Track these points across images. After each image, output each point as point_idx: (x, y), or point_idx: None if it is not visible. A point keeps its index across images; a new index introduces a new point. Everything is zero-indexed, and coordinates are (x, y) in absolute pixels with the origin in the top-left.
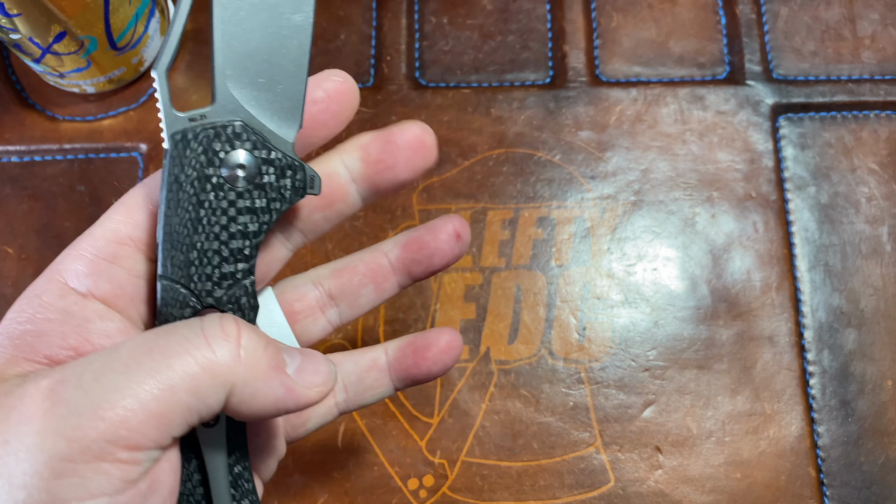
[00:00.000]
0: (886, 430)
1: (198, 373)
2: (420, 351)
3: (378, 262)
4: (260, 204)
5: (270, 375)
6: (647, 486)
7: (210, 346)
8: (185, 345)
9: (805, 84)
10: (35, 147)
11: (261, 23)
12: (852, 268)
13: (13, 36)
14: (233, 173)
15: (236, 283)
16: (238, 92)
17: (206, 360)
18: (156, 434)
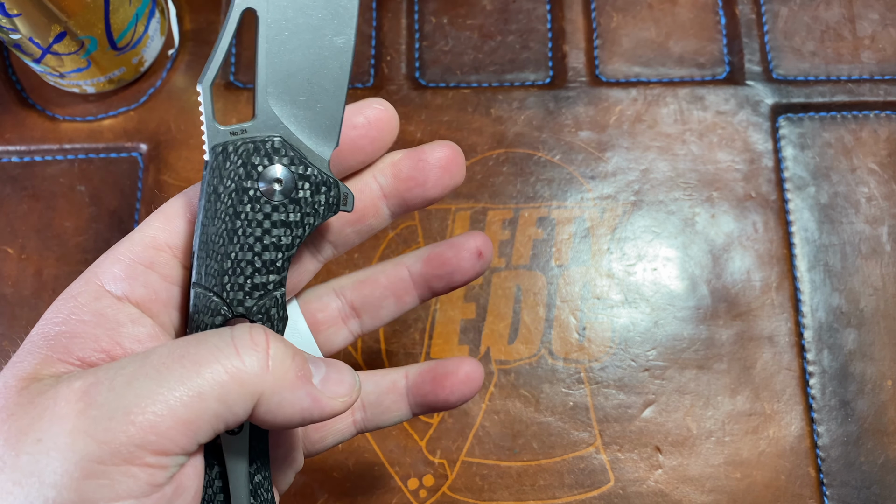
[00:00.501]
0: (886, 430)
1: (227, 381)
2: (439, 379)
3: (400, 275)
4: (294, 218)
5: (297, 385)
6: (647, 485)
7: (239, 355)
8: (215, 353)
9: (805, 84)
10: (35, 147)
11: (304, 43)
12: (852, 268)
13: (13, 36)
14: (269, 187)
15: (267, 294)
16: (279, 109)
17: (235, 369)
18: (183, 440)
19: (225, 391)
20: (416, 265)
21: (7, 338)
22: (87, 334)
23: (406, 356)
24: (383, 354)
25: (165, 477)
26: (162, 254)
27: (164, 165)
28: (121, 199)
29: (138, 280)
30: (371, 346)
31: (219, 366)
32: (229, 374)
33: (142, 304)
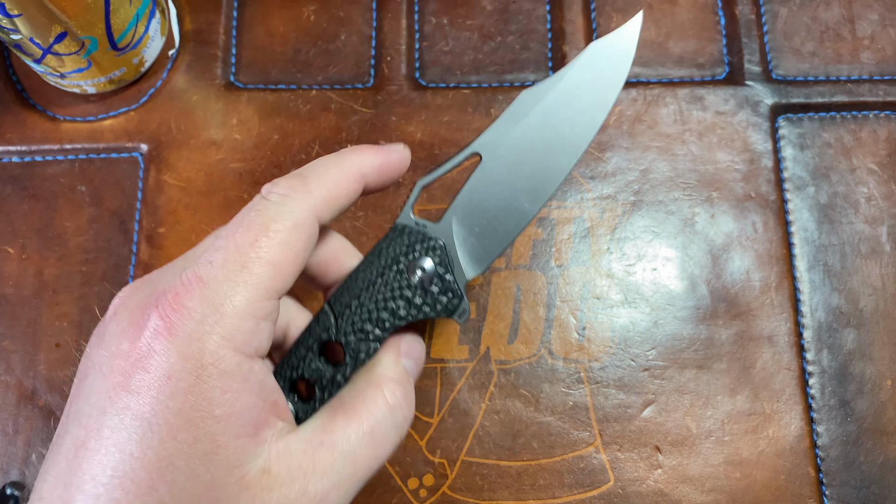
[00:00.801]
0: (885, 430)
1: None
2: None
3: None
4: (416, 301)
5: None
6: (647, 485)
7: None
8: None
9: (804, 84)
10: (36, 147)
11: (501, 195)
12: (851, 268)
13: (14, 36)
14: (414, 269)
15: (366, 341)
16: (457, 227)
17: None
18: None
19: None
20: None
21: (7, 338)
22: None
23: None
24: None
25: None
26: (274, 302)
27: (165, 165)
28: (121, 200)
29: (262, 335)
30: None
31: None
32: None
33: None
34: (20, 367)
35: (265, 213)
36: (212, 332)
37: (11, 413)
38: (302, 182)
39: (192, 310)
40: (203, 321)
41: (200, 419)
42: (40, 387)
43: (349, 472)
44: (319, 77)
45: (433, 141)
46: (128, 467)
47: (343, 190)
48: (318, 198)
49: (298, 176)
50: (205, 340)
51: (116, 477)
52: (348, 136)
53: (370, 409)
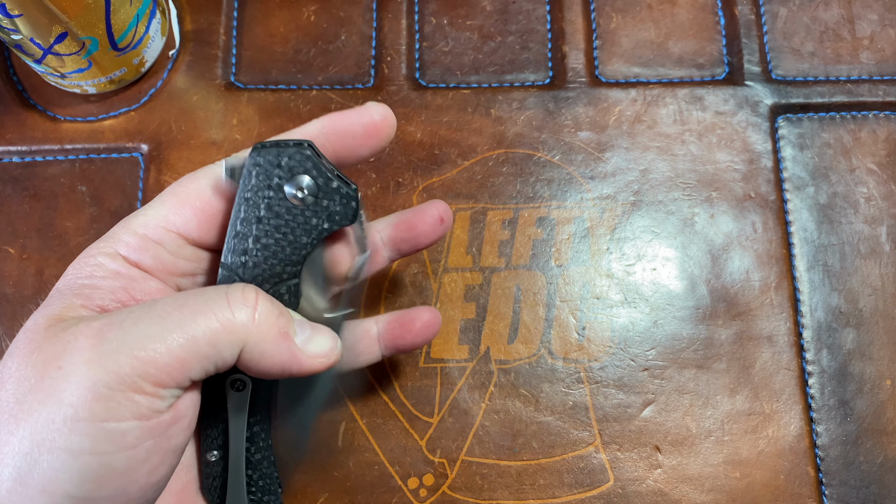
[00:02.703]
0: (885, 430)
1: (217, 329)
2: (406, 325)
3: (371, 239)
4: (314, 222)
5: (279, 340)
6: (647, 485)
7: (231, 308)
8: (210, 305)
9: (804, 84)
10: (36, 147)
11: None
12: (851, 268)
13: (14, 37)
14: (294, 193)
15: (282, 282)
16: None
17: (225, 319)
18: (178, 375)
19: (215, 337)
20: (386, 230)
21: (8, 337)
22: (105, 287)
23: (406, 356)
24: None
25: (163, 405)
26: (170, 234)
27: (165, 166)
28: (122, 200)
29: (149, 252)
30: None
31: (212, 315)
32: (220, 322)
33: (151, 271)
34: None
35: (195, 174)
36: (98, 244)
37: None
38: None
39: (116, 228)
40: (109, 235)
41: (61, 288)
42: None
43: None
44: (320, 77)
45: (433, 141)
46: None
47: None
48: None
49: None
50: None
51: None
52: None
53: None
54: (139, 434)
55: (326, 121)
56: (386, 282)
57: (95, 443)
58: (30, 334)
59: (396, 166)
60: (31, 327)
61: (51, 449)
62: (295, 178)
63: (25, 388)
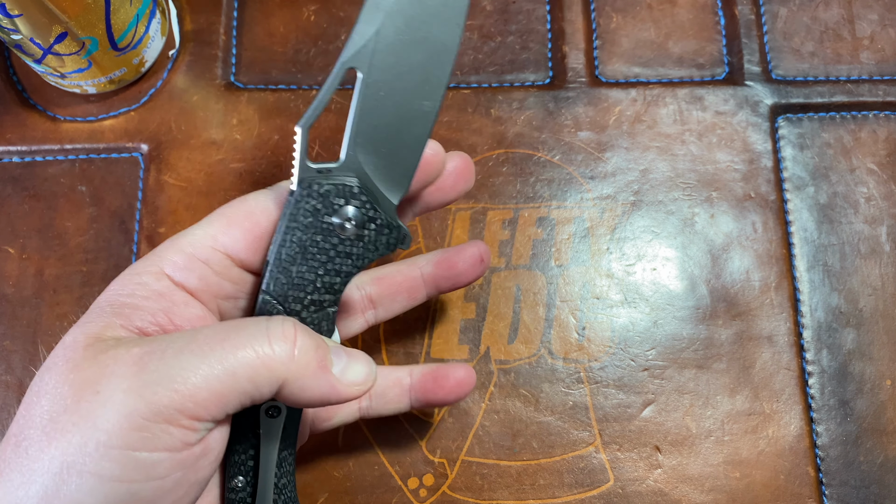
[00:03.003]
0: (885, 430)
1: (257, 365)
2: (439, 381)
3: (413, 275)
4: (357, 251)
5: (318, 374)
6: (647, 485)
7: (270, 344)
8: (250, 340)
9: (804, 84)
10: (36, 147)
11: (394, 104)
12: (851, 268)
13: (14, 36)
14: (342, 223)
15: (321, 310)
16: (363, 156)
17: (265, 356)
18: (215, 410)
19: (255, 373)
20: (427, 267)
21: (8, 337)
22: (146, 308)
23: (406, 356)
24: (383, 353)
25: (196, 438)
26: (217, 253)
27: (165, 166)
28: (122, 200)
29: (195, 272)
30: (371, 346)
31: (252, 351)
32: (260, 359)
33: (195, 292)
34: (20, 366)
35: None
36: (146, 263)
37: (12, 413)
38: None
39: (162, 247)
40: (156, 251)
41: (101, 305)
42: None
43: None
44: (320, 77)
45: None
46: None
47: None
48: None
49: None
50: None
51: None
52: None
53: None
54: (169, 465)
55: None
56: None
57: (125, 471)
58: (69, 352)
59: None
60: (70, 344)
61: (80, 472)
62: (342, 208)
63: (60, 408)
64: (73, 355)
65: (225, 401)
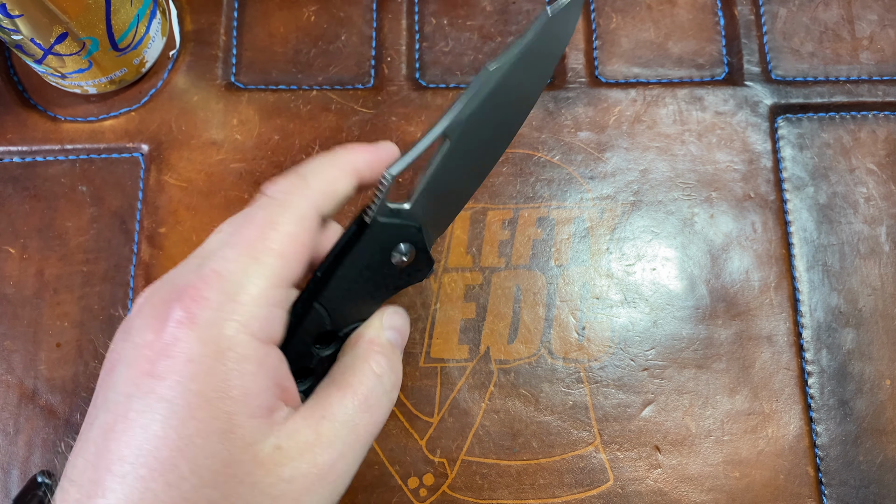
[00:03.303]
0: (885, 430)
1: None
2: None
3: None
4: (399, 283)
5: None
6: (646, 484)
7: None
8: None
9: (803, 85)
10: (37, 147)
11: (467, 166)
12: (850, 268)
13: (15, 37)
14: (400, 259)
15: (355, 324)
16: (426, 205)
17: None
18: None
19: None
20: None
21: (9, 337)
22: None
23: (406, 356)
24: None
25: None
26: (286, 290)
27: (166, 166)
28: (122, 200)
29: (276, 321)
30: None
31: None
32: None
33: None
34: (21, 366)
35: (270, 209)
36: (229, 319)
37: (12, 413)
38: (301, 180)
39: (211, 300)
40: (221, 309)
41: (218, 399)
42: (41, 387)
43: (352, 440)
44: (320, 77)
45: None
46: (152, 446)
47: (339, 185)
48: (317, 193)
49: (297, 174)
50: (223, 327)
51: (142, 456)
52: (349, 136)
53: (361, 380)
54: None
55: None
56: None
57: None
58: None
59: None
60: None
61: None
62: (401, 245)
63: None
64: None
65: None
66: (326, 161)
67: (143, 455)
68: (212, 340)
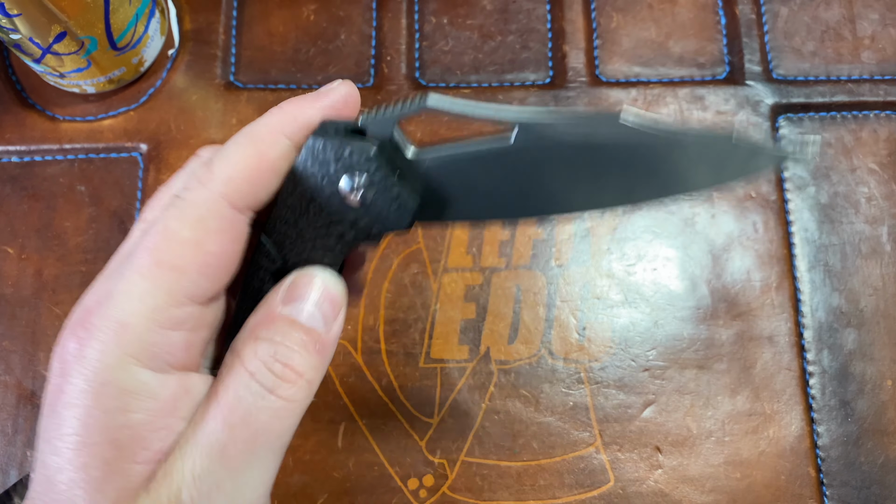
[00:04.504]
0: (886, 430)
1: None
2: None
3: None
4: (362, 224)
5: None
6: (647, 485)
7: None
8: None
9: (805, 84)
10: (35, 147)
11: (490, 188)
12: (852, 268)
13: (13, 36)
14: (349, 191)
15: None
16: (433, 169)
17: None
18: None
19: None
20: None
21: (7, 338)
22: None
23: (406, 356)
24: (383, 354)
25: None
26: (185, 309)
27: (165, 165)
28: (121, 200)
29: (176, 346)
30: (371, 347)
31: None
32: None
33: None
34: (20, 367)
35: (166, 213)
36: (115, 350)
37: (11, 413)
38: (204, 169)
39: (99, 328)
40: (106, 339)
41: (95, 445)
42: (40, 387)
43: (225, 469)
44: (319, 77)
45: (433, 140)
46: (47, 491)
47: (258, 163)
48: (225, 182)
49: (202, 162)
50: (106, 359)
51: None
52: None
53: (226, 385)
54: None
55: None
56: (386, 282)
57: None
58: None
59: None
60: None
61: None
62: (353, 174)
63: None
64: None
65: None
66: (241, 136)
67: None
68: (95, 376)
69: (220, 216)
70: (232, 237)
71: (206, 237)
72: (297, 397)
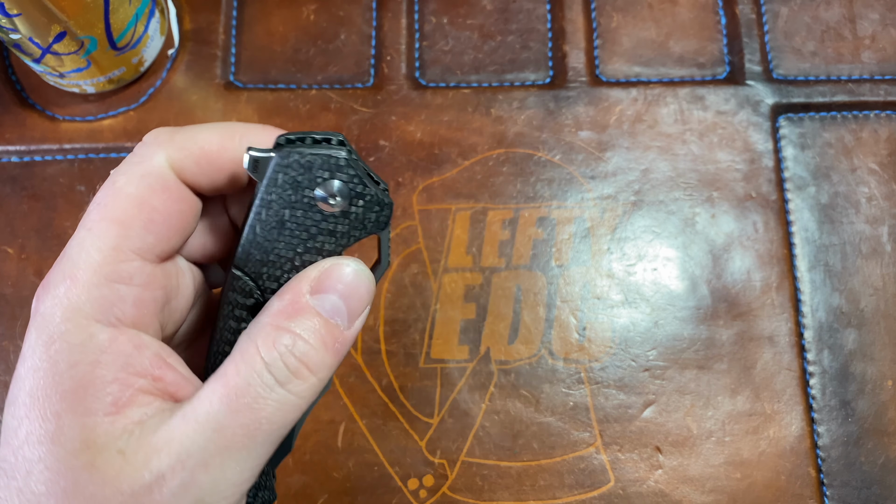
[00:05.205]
0: (886, 430)
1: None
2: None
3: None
4: (342, 230)
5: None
6: (647, 486)
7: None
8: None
9: (805, 84)
10: (35, 147)
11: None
12: (852, 268)
13: (13, 36)
14: (325, 199)
15: None
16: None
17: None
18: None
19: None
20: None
21: (7, 338)
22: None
23: (406, 356)
24: (383, 355)
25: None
26: (133, 263)
27: None
28: None
29: (124, 300)
30: (371, 347)
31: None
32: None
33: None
34: None
35: (116, 170)
36: (64, 303)
37: None
38: (168, 133)
39: (53, 283)
40: (57, 293)
41: (45, 398)
42: None
43: (216, 447)
44: (319, 77)
45: (433, 141)
46: (4, 446)
47: (215, 144)
48: (178, 148)
49: (170, 128)
50: (56, 312)
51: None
52: (348, 135)
53: (237, 368)
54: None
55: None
56: (386, 282)
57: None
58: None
59: (396, 166)
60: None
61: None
62: (326, 182)
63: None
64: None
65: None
66: (212, 123)
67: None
68: (45, 330)
69: (163, 176)
70: (177, 196)
71: (150, 194)
72: (306, 394)
